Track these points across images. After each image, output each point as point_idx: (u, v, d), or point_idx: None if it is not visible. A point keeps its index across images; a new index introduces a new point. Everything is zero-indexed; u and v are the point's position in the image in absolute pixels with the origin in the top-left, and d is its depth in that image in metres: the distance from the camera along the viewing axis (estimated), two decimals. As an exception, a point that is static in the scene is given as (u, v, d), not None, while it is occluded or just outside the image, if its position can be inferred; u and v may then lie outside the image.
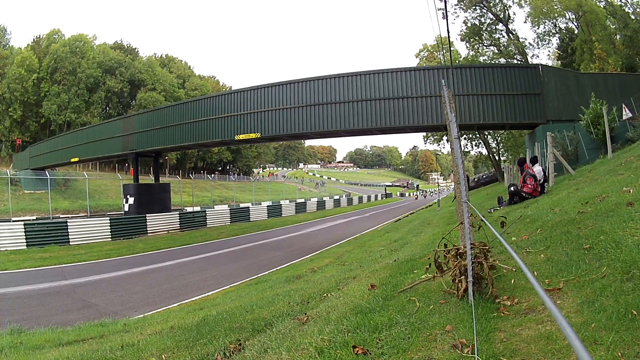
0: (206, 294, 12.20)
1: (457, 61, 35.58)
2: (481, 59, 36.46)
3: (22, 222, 23.05)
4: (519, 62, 34.39)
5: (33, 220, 30.10)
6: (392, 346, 3.15)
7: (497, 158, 45.76)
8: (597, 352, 2.35)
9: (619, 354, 2.28)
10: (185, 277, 15.03)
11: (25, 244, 20.98)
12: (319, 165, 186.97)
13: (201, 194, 56.57)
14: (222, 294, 11.85)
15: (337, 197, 67.17)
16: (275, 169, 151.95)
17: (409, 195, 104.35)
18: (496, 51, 36.82)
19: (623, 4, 32.04)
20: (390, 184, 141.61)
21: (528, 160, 13.57)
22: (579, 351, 1.06)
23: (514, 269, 4.09)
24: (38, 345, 6.87)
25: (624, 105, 17.34)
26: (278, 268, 15.60)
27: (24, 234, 21.21)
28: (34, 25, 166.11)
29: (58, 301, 11.91)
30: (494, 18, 36.01)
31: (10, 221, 26.74)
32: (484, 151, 46.76)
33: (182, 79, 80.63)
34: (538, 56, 51.61)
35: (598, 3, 32.77)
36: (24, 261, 18.01)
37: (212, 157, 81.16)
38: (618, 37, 32.32)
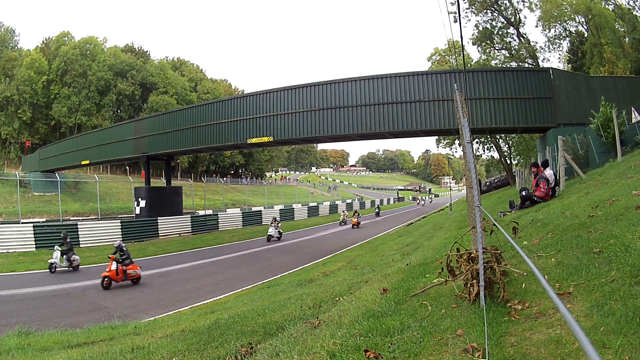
0: (218, 297, 12.29)
1: (468, 65, 35.51)
2: (492, 62, 36.33)
3: (31, 224, 23.21)
4: (530, 66, 34.22)
5: (42, 222, 30.29)
6: (403, 350, 3.18)
7: (508, 162, 45.57)
8: (606, 356, 2.38)
9: (627, 357, 2.31)
10: (196, 280, 15.11)
11: (34, 245, 21.17)
12: (332, 169, 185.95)
13: (213, 198, 56.71)
14: (233, 297, 11.91)
15: (349, 200, 67.18)
16: (287, 172, 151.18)
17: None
18: (507, 55, 36.69)
19: (631, 8, 31.87)
20: (403, 187, 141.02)
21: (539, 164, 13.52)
22: (592, 356, 1.08)
23: (525, 273, 4.10)
24: (46, 347, 6.93)
25: (633, 109, 17.21)
26: (290, 272, 15.65)
27: (33, 235, 21.43)
28: (43, 27, 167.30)
29: (67, 303, 12.04)
30: (505, 22, 35.92)
31: (19, 223, 26.97)
32: (496, 155, 46.66)
33: (194, 82, 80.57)
34: (549, 60, 51.46)
35: (607, 6, 32.63)
36: (32, 263, 18.20)
37: (225, 160, 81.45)
38: (627, 40, 32.11)
